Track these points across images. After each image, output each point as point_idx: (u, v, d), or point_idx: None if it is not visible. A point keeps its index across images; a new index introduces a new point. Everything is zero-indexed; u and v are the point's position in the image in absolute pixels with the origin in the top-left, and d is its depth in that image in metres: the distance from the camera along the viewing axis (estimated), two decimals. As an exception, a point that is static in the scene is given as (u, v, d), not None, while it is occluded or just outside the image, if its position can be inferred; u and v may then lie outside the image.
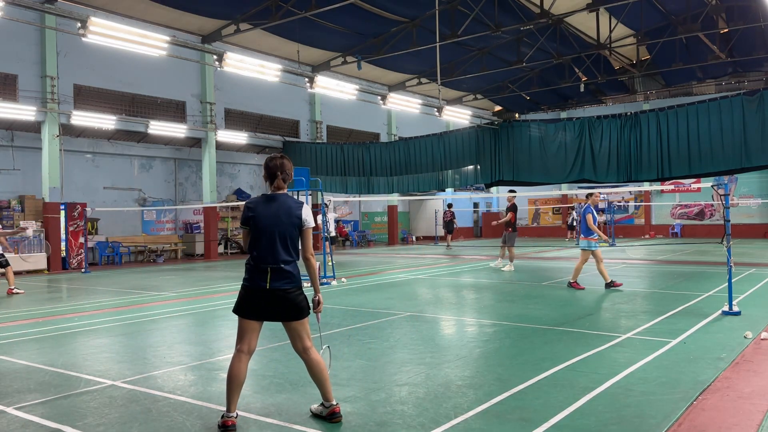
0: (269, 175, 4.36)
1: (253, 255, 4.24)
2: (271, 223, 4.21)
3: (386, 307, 9.42)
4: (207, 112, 22.74)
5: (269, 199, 4.31)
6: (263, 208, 4.26)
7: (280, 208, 4.25)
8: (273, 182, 4.35)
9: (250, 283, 4.22)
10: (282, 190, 4.37)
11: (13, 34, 17.43)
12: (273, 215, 4.23)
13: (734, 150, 17.04)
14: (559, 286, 11.85)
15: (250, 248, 4.27)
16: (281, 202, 4.29)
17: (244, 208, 4.34)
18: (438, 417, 4.29)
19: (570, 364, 5.67)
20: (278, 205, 4.27)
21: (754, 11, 21.27)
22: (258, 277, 4.19)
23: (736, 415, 4.30)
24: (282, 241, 4.21)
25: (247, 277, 4.25)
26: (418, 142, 23.79)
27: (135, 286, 13.45)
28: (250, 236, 4.28)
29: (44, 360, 6.32)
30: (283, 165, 4.34)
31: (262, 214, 4.24)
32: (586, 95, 32.82)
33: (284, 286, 4.19)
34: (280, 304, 4.19)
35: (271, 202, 4.29)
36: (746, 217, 31.02)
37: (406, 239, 33.18)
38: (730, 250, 8.48)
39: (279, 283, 4.18)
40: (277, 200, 4.30)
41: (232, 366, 4.21)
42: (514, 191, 16.18)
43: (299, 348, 4.32)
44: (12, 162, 18.49)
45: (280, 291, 4.18)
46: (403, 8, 22.11)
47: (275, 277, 4.17)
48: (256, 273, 4.20)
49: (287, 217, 4.24)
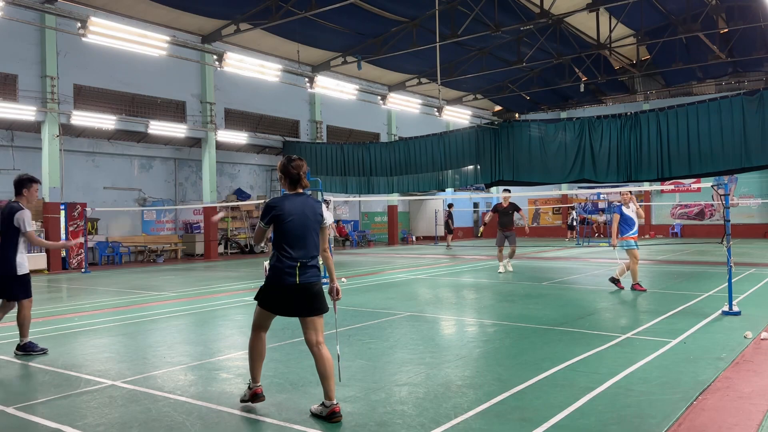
0: (292, 176, 4.52)
1: (281, 252, 4.40)
2: (300, 221, 4.42)
3: (386, 307, 9.42)
4: (207, 112, 22.74)
5: (294, 197, 4.50)
6: (291, 207, 4.44)
7: (305, 206, 4.48)
8: (297, 182, 4.53)
9: (280, 279, 4.38)
10: (303, 189, 4.57)
11: (13, 34, 17.43)
12: (301, 213, 4.44)
13: (734, 150, 17.04)
14: (560, 286, 11.86)
15: (278, 246, 4.43)
16: (305, 200, 4.52)
17: (267, 207, 4.48)
18: (438, 417, 4.29)
19: (570, 364, 5.67)
20: (303, 203, 4.49)
21: (754, 11, 21.27)
22: (288, 273, 4.37)
23: (736, 415, 4.30)
24: (310, 238, 4.47)
25: (275, 275, 4.40)
26: (418, 142, 23.79)
27: (135, 286, 13.45)
28: (277, 234, 4.43)
29: (44, 360, 6.32)
30: (304, 166, 4.57)
31: (292, 213, 4.42)
32: (586, 95, 32.81)
33: (312, 279, 4.44)
34: (307, 299, 4.40)
35: (296, 200, 4.48)
36: (746, 217, 31.02)
37: (406, 239, 33.19)
38: (730, 250, 8.49)
39: (307, 277, 4.41)
40: (302, 199, 4.51)
41: (255, 346, 4.55)
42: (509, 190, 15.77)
43: (313, 341, 4.43)
44: (12, 162, 18.48)
45: (308, 284, 4.40)
46: (403, 8, 22.10)
47: (304, 272, 4.40)
48: (285, 269, 4.37)
49: (313, 215, 4.49)
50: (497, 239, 15.05)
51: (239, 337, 7.34)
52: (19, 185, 6.69)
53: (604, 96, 34.61)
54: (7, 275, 6.53)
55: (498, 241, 15.01)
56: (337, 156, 25.18)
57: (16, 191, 6.71)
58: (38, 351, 6.57)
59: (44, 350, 6.62)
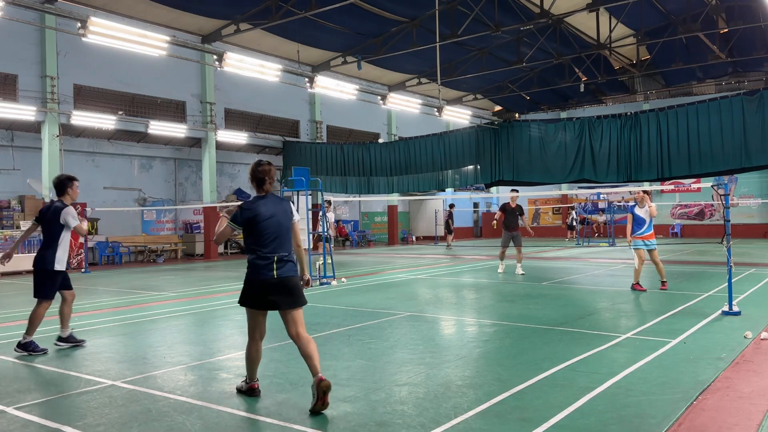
0: (258, 180, 4.86)
1: (258, 251, 4.69)
2: (275, 221, 4.73)
3: (386, 307, 9.42)
4: (207, 112, 22.74)
5: (265, 199, 4.82)
6: (264, 209, 4.73)
7: (277, 207, 4.80)
8: (263, 186, 4.85)
9: (257, 276, 4.66)
10: (269, 191, 4.89)
11: (13, 34, 17.43)
12: (274, 213, 4.75)
13: (734, 150, 17.04)
14: (559, 286, 11.86)
15: (254, 245, 4.71)
16: (276, 201, 4.85)
17: (241, 209, 4.76)
18: (438, 417, 4.29)
19: (570, 364, 5.67)
20: (274, 204, 4.81)
21: (754, 11, 21.27)
22: (265, 269, 4.65)
23: (736, 415, 4.30)
24: (285, 235, 4.79)
25: (253, 271, 4.69)
26: (418, 142, 23.79)
27: (135, 286, 13.45)
28: (252, 234, 4.72)
29: (44, 360, 6.32)
30: (271, 171, 4.89)
31: (265, 214, 4.71)
32: (586, 95, 32.82)
33: (289, 273, 4.72)
34: (286, 292, 4.68)
35: (267, 202, 4.80)
36: (746, 217, 31.02)
37: (406, 239, 33.19)
38: (730, 250, 8.48)
39: (284, 271, 4.69)
40: (272, 200, 4.84)
41: (251, 352, 4.87)
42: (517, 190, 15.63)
43: (294, 333, 4.71)
44: (12, 162, 18.49)
45: (285, 278, 4.68)
46: (403, 8, 22.11)
47: (281, 266, 4.68)
48: (262, 266, 4.66)
49: (284, 214, 4.81)
50: (503, 239, 14.74)
51: (239, 337, 7.33)
52: (62, 186, 6.96)
53: (604, 96, 34.61)
54: (43, 269, 6.76)
55: (503, 241, 14.69)
56: (337, 156, 25.18)
57: (59, 192, 6.99)
58: (39, 351, 6.62)
59: (45, 350, 6.69)
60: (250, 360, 4.89)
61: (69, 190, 7.00)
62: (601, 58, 27.59)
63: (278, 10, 19.51)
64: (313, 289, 11.63)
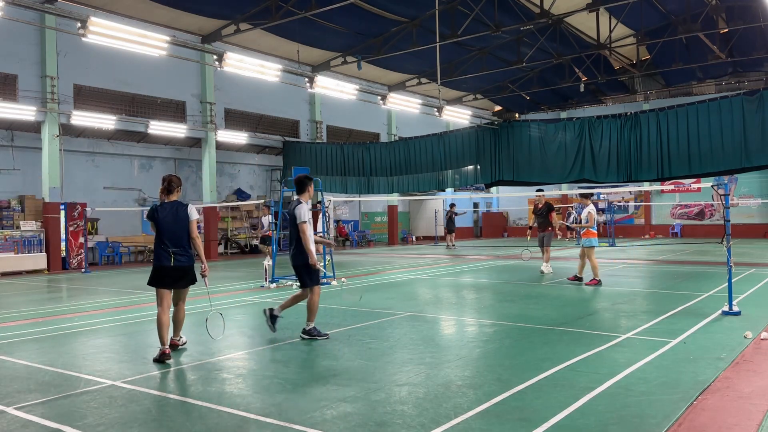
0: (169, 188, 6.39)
1: (161, 244, 6.24)
2: (171, 221, 6.27)
3: (386, 307, 9.42)
4: (207, 112, 22.74)
5: (167, 204, 6.33)
6: (163, 212, 6.27)
7: (175, 211, 6.31)
8: (171, 193, 6.38)
9: (160, 262, 6.25)
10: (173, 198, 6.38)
11: (13, 34, 17.43)
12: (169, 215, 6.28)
13: (734, 150, 17.04)
14: (560, 286, 11.86)
15: (159, 239, 6.25)
16: (174, 205, 6.35)
17: (151, 210, 6.32)
18: (438, 417, 4.29)
19: (570, 364, 5.67)
20: (172, 207, 6.33)
21: (754, 11, 21.26)
22: (165, 258, 6.22)
23: (736, 415, 4.30)
24: (180, 232, 6.30)
25: (157, 258, 6.26)
26: (418, 142, 23.78)
27: (135, 286, 13.44)
28: (157, 231, 6.26)
29: (44, 360, 6.32)
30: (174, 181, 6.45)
31: (164, 216, 6.25)
32: (586, 95, 32.82)
33: (181, 262, 6.28)
34: (180, 276, 6.31)
35: (167, 206, 6.32)
36: (746, 217, 31.02)
37: (406, 239, 33.19)
38: (730, 250, 8.48)
39: (178, 261, 6.26)
40: (172, 204, 6.35)
41: (161, 318, 6.20)
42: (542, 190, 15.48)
43: (178, 302, 6.50)
44: (12, 162, 18.49)
45: (179, 266, 6.27)
46: (403, 8, 22.11)
47: (176, 257, 6.25)
48: (163, 256, 6.23)
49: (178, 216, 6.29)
50: (538, 240, 14.77)
51: (239, 337, 7.34)
52: (302, 185, 7.31)
53: (604, 96, 34.61)
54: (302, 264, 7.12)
55: (539, 242, 14.71)
56: (337, 156, 25.17)
57: (299, 190, 7.31)
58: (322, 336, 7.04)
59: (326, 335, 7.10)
60: (163, 325, 6.14)
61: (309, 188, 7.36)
62: (601, 58, 27.59)
63: (278, 10, 19.51)
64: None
